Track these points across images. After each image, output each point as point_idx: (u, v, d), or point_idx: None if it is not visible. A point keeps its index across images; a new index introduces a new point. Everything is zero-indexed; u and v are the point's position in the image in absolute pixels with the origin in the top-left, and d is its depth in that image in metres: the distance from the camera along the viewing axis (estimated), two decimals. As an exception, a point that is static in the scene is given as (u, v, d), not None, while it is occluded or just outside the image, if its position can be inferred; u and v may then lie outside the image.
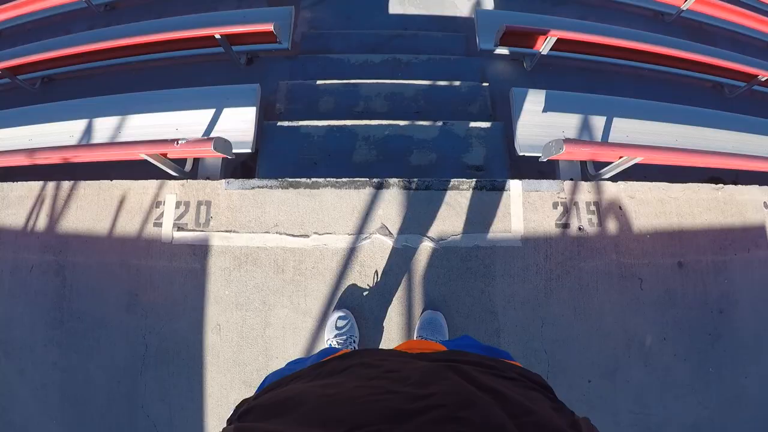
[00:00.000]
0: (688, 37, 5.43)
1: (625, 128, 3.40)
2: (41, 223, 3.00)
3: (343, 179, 2.87)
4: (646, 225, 2.97)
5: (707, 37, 5.61)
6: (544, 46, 3.82)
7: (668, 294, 2.87)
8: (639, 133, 3.41)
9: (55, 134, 3.42)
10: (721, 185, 3.17)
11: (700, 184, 3.12)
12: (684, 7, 5.31)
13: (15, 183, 3.12)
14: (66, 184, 3.05)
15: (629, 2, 5.36)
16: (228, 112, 3.27)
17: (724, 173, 3.90)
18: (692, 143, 3.45)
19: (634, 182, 3.05)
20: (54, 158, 2.84)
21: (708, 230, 3.03)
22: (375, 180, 2.86)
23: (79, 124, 3.42)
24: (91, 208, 2.98)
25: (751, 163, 3.03)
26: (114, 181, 3.01)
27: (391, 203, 2.83)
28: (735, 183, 3.32)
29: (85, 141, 3.37)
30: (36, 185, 3.09)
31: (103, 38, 3.87)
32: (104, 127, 3.37)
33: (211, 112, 3.28)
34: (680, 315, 2.85)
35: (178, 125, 3.26)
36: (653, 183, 3.06)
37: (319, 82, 3.89)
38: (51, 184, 3.07)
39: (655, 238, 2.95)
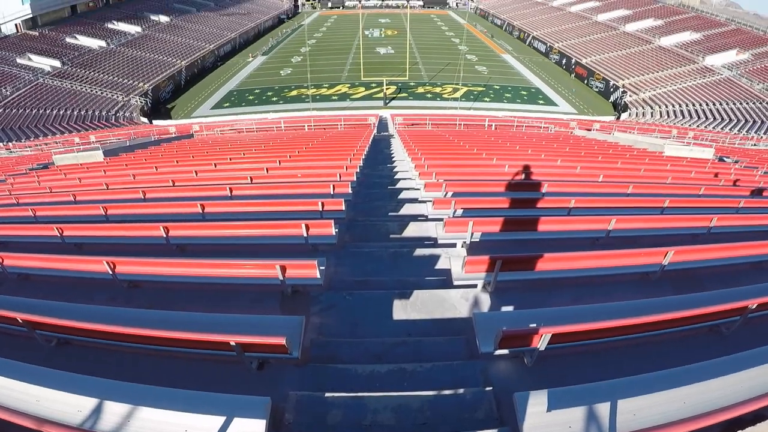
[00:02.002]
0: (677, 288, 6.02)
1: (631, 407, 3.54)
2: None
3: None
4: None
5: (694, 281, 6.24)
6: (541, 342, 4.23)
7: None
8: (646, 407, 3.54)
9: (63, 404, 3.60)
10: (738, 432, 3.15)
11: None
12: (665, 262, 5.96)
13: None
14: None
15: (615, 273, 6.01)
16: (238, 422, 3.50)
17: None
18: (695, 401, 3.53)
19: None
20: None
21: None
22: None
23: (89, 402, 3.61)
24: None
25: (761, 402, 3.05)
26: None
27: None
28: (756, 418, 3.32)
29: (92, 421, 3.51)
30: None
31: (121, 321, 4.38)
32: (114, 411, 3.55)
33: (221, 419, 3.50)
34: None
35: (188, 426, 3.47)
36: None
37: (327, 394, 4.26)
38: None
39: None
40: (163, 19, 69.48)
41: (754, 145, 27.37)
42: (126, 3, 73.61)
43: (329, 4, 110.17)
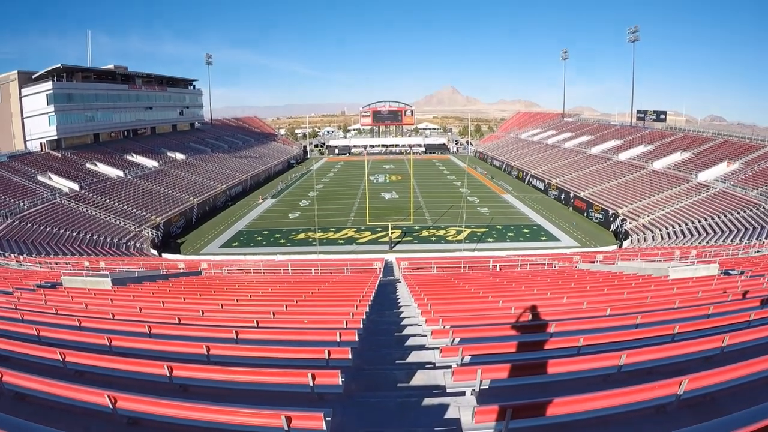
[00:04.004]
0: (695, 415, 5.92)
1: None
2: None
3: None
4: None
5: (713, 405, 6.12)
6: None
7: None
8: None
9: None
10: None
11: None
12: (680, 392, 5.92)
13: None
14: None
15: (630, 409, 5.84)
16: None
17: None
18: None
19: None
20: None
21: None
22: None
23: None
24: None
25: None
26: None
27: None
28: None
29: None
30: None
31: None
32: None
33: None
34: None
35: None
36: None
37: None
38: None
39: None
40: (179, 156, 74.45)
41: (758, 251, 27.43)
42: (145, 138, 79.81)
43: (336, 151, 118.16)
